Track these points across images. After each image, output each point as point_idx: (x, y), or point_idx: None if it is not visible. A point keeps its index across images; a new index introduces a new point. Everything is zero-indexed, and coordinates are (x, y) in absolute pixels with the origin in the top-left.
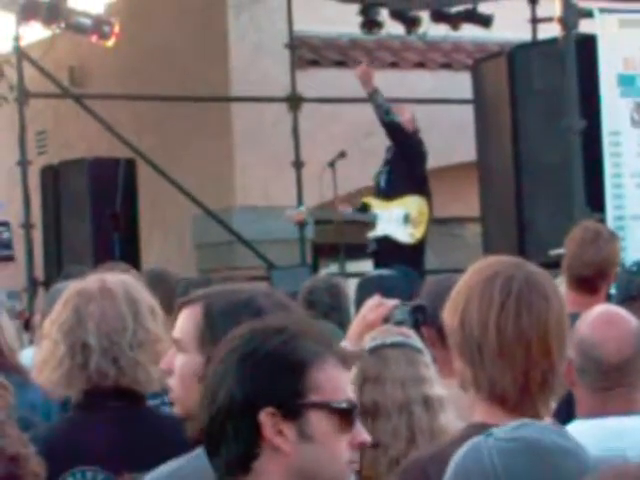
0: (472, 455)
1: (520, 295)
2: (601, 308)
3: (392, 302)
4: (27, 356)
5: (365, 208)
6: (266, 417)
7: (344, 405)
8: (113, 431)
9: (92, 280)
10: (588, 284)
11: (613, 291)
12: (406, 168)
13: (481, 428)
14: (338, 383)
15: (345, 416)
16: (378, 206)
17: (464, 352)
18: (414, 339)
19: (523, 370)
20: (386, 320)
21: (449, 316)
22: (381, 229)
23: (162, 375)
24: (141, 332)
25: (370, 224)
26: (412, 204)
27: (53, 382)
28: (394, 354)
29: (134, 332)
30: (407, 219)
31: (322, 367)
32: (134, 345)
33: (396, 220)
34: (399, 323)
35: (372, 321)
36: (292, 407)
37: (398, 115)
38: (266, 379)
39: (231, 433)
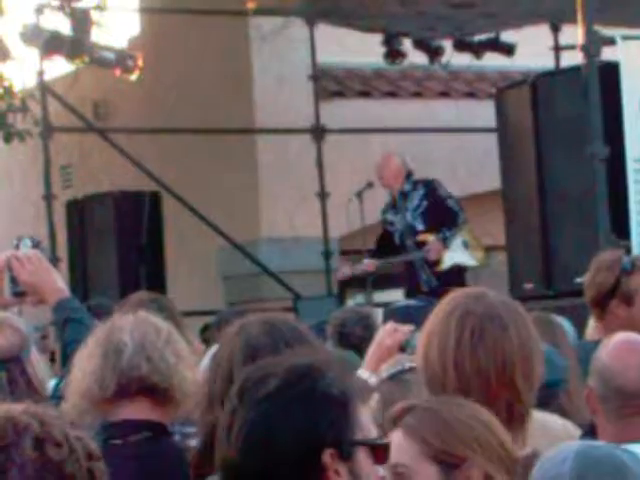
0: (553, 454)
1: (474, 329)
2: (621, 336)
3: (406, 328)
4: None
5: (424, 244)
6: (329, 459)
7: (384, 441)
8: (135, 466)
9: (122, 316)
10: None
11: None
12: (443, 206)
13: None
14: (369, 419)
15: (382, 452)
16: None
17: (431, 390)
18: None
19: (485, 403)
20: (402, 348)
21: (417, 355)
22: (449, 258)
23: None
24: (173, 345)
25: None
26: (462, 230)
27: (78, 407)
28: (414, 377)
29: (166, 341)
30: (466, 244)
31: (358, 404)
32: (167, 350)
33: (457, 248)
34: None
35: (390, 346)
36: (346, 447)
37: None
38: (327, 418)
39: (291, 475)
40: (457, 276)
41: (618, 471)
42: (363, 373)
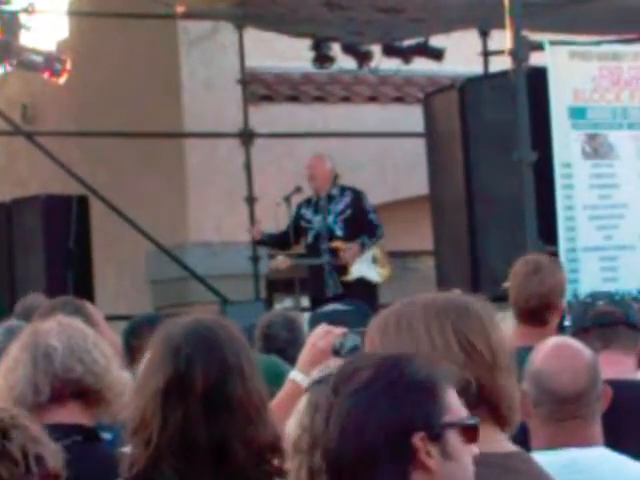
0: None
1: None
2: (555, 340)
3: (340, 330)
4: None
5: (336, 251)
6: (420, 441)
7: (472, 421)
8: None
9: (43, 321)
10: (536, 316)
11: (568, 323)
12: (365, 218)
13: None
14: (457, 401)
15: (472, 431)
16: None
17: (506, 379)
18: None
19: None
20: (336, 352)
21: (475, 351)
22: (356, 270)
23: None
24: (100, 347)
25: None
26: (375, 245)
27: None
28: None
29: (94, 344)
30: (375, 259)
31: (447, 387)
32: (96, 352)
33: (366, 261)
34: (353, 349)
35: (323, 348)
36: (437, 429)
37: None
38: (415, 404)
39: (385, 463)
40: (364, 288)
41: None
42: (296, 375)
